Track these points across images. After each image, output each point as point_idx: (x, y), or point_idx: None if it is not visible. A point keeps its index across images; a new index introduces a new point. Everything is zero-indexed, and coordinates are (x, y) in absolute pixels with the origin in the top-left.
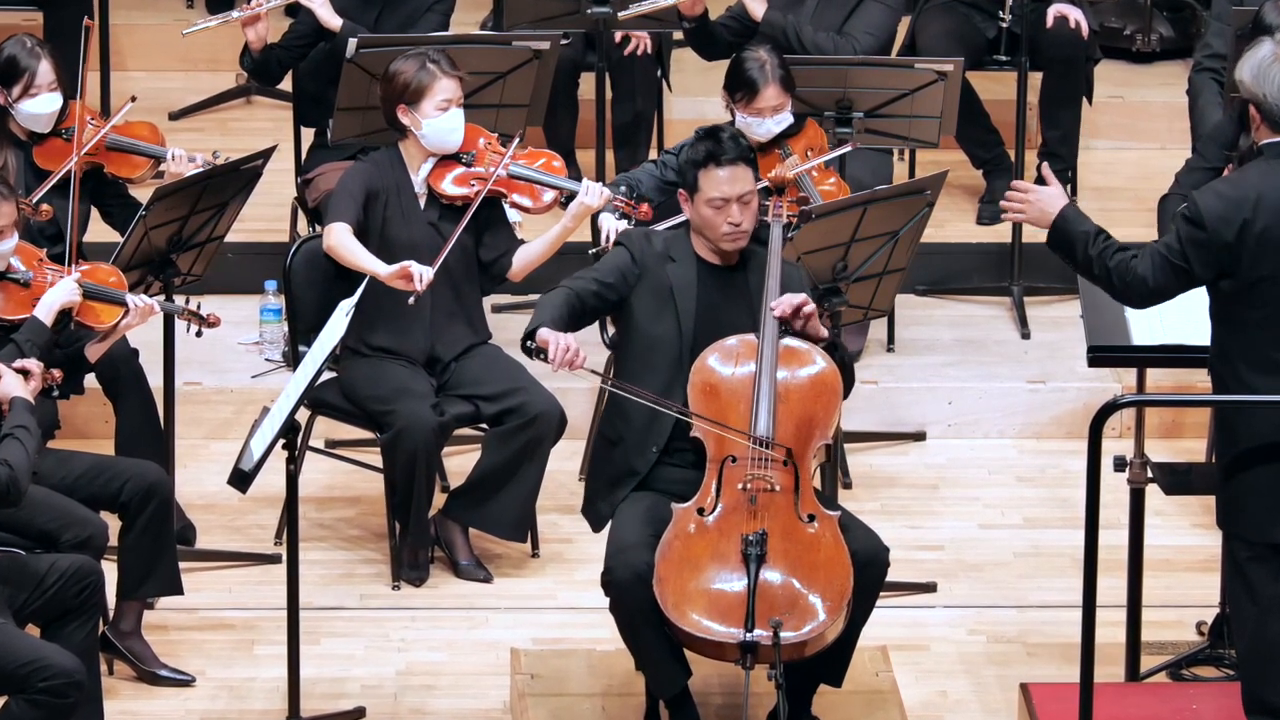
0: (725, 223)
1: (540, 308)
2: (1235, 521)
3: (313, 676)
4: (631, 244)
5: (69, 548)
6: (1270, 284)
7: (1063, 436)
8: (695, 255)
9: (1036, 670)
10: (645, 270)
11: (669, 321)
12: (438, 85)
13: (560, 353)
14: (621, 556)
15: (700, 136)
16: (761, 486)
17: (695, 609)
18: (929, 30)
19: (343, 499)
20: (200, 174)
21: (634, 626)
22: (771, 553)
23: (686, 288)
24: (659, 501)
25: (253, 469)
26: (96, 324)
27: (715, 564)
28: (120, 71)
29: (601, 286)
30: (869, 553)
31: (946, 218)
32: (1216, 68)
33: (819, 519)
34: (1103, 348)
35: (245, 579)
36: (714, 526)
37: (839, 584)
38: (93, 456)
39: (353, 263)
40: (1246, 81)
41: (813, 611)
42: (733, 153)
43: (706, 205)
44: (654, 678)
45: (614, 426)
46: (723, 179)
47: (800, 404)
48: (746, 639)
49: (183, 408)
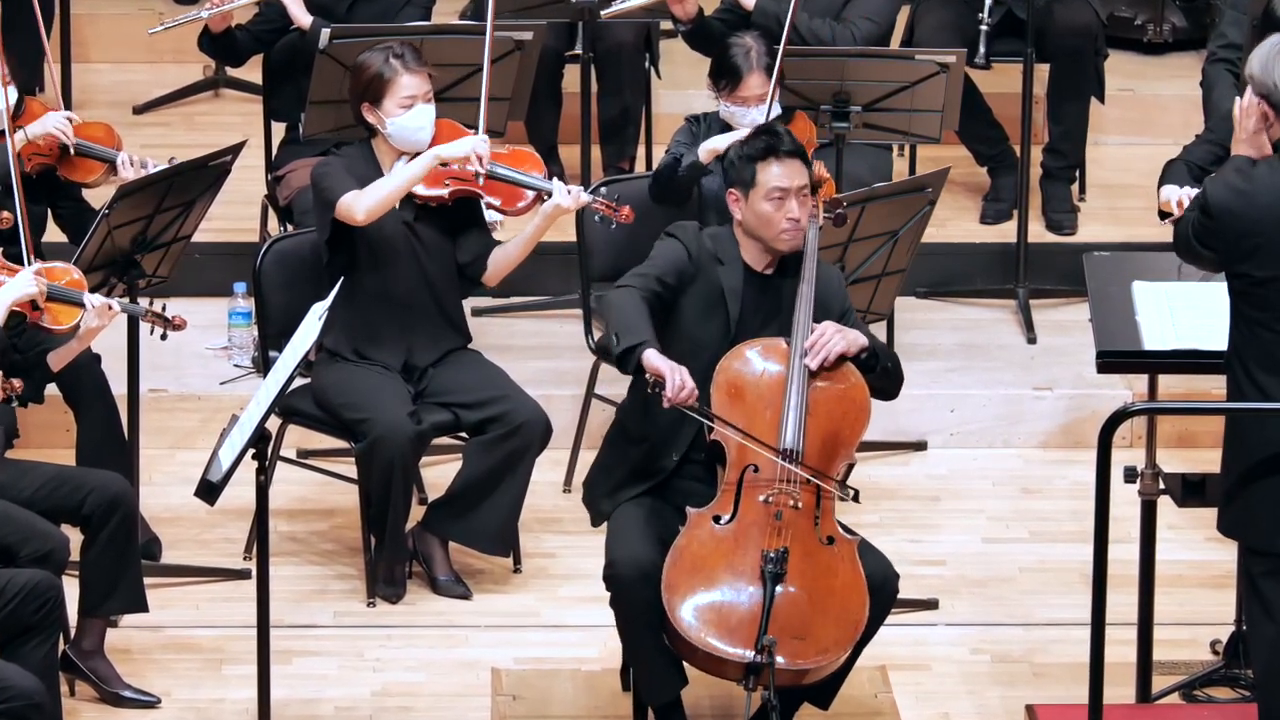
0: (784, 218)
1: (623, 316)
2: (1244, 531)
3: (284, 698)
4: (687, 239)
5: (28, 562)
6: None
7: (1070, 446)
8: (741, 259)
9: (1043, 691)
10: (700, 269)
11: (718, 325)
12: (400, 82)
13: (677, 391)
14: (626, 552)
15: (754, 133)
16: (785, 502)
17: (703, 621)
18: (927, 22)
19: (316, 511)
20: (165, 171)
21: (633, 626)
22: (789, 572)
23: (735, 292)
24: (663, 508)
25: (221, 480)
26: (54, 326)
27: (729, 576)
28: (83, 63)
29: (664, 287)
30: (879, 578)
31: (948, 216)
32: (1231, 58)
33: (838, 542)
34: (1112, 353)
35: (213, 595)
36: (731, 536)
37: (854, 614)
38: (53, 467)
39: (395, 190)
40: (1256, 74)
41: (822, 641)
42: (790, 145)
43: (765, 200)
44: (647, 683)
45: (638, 423)
46: (782, 171)
47: (829, 419)
48: (754, 660)
49: (147, 416)
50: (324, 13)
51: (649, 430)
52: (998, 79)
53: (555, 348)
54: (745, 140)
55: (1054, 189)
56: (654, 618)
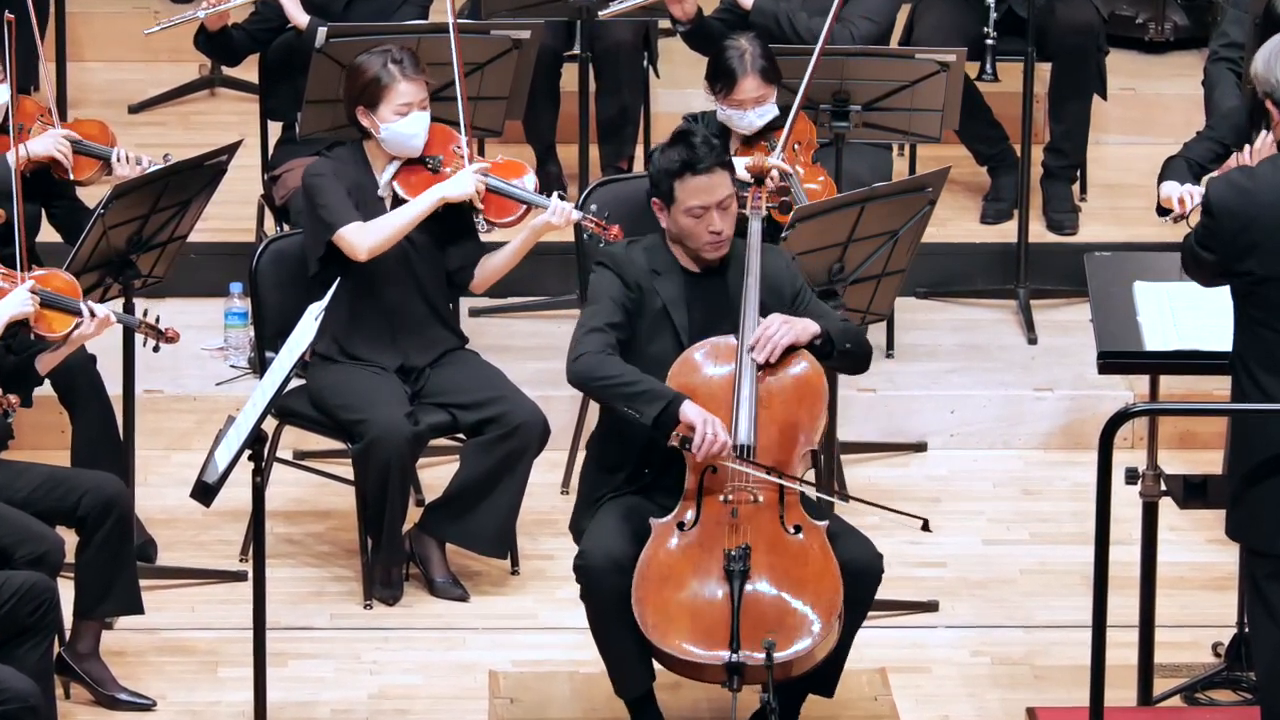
0: (706, 231)
1: (619, 383)
2: (1248, 533)
3: (280, 701)
4: (618, 267)
5: (23, 564)
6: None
7: (1071, 447)
8: (677, 265)
9: (1044, 694)
10: (640, 290)
11: (666, 339)
12: (397, 89)
13: (709, 446)
14: (596, 542)
15: (671, 142)
16: (745, 498)
17: (677, 630)
18: (927, 20)
19: (312, 513)
20: (161, 170)
21: (603, 618)
22: (756, 567)
23: (677, 301)
24: (642, 504)
25: (217, 481)
26: (48, 332)
27: (697, 580)
28: (77, 62)
29: (619, 329)
30: (862, 562)
31: (949, 216)
32: (1234, 57)
33: (805, 530)
34: (1114, 353)
35: (209, 597)
36: (696, 541)
37: (827, 599)
38: (48, 468)
39: (398, 230)
40: (1260, 72)
41: (801, 630)
42: (709, 159)
43: (685, 215)
44: (618, 677)
45: (609, 453)
46: (701, 187)
47: (783, 408)
48: (732, 660)
49: (143, 417)
50: (321, 11)
51: (621, 460)
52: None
53: (553, 348)
54: (663, 150)
55: (1055, 188)
56: (625, 610)
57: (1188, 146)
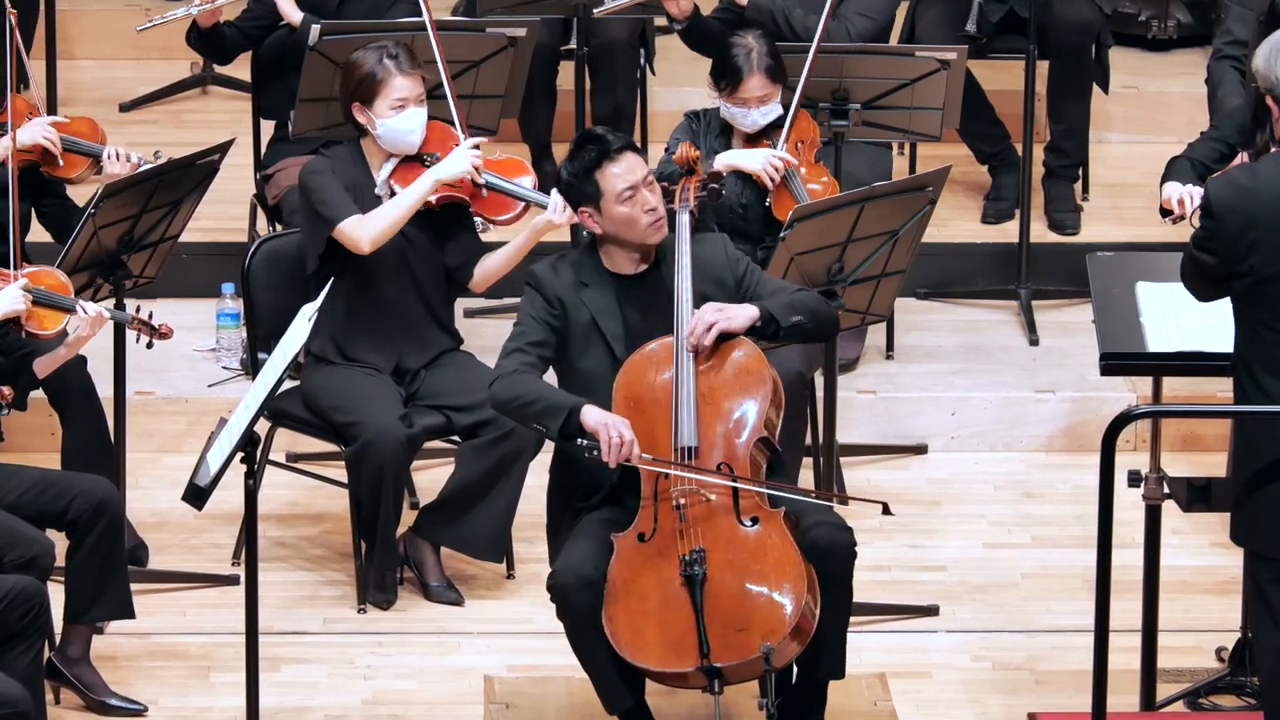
0: (643, 212)
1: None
2: (1253, 537)
3: (273, 706)
4: (542, 285)
5: (13, 568)
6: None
7: (1073, 450)
8: (607, 272)
9: (1045, 699)
10: (564, 307)
11: (598, 352)
12: (392, 84)
13: (616, 449)
14: (566, 562)
15: (575, 147)
16: (697, 499)
17: (648, 644)
18: (928, 18)
19: (305, 516)
20: (153, 169)
21: (580, 638)
22: (715, 566)
23: (607, 311)
24: (615, 514)
25: (209, 484)
26: (40, 331)
27: (659, 591)
28: (68, 60)
29: (542, 347)
30: (828, 539)
31: (949, 216)
32: (1237, 55)
33: (763, 519)
34: (1116, 355)
35: (201, 601)
36: (655, 551)
37: (792, 582)
38: (38, 471)
39: (398, 218)
40: (1260, 69)
41: (774, 619)
42: (618, 142)
43: (618, 203)
44: (603, 694)
45: (565, 474)
46: (622, 169)
47: (727, 399)
48: (705, 666)
49: (134, 419)
50: (314, 9)
51: (578, 478)
52: (999, 76)
53: None
54: (570, 158)
55: (1056, 188)
56: (600, 629)
57: (1192, 147)
